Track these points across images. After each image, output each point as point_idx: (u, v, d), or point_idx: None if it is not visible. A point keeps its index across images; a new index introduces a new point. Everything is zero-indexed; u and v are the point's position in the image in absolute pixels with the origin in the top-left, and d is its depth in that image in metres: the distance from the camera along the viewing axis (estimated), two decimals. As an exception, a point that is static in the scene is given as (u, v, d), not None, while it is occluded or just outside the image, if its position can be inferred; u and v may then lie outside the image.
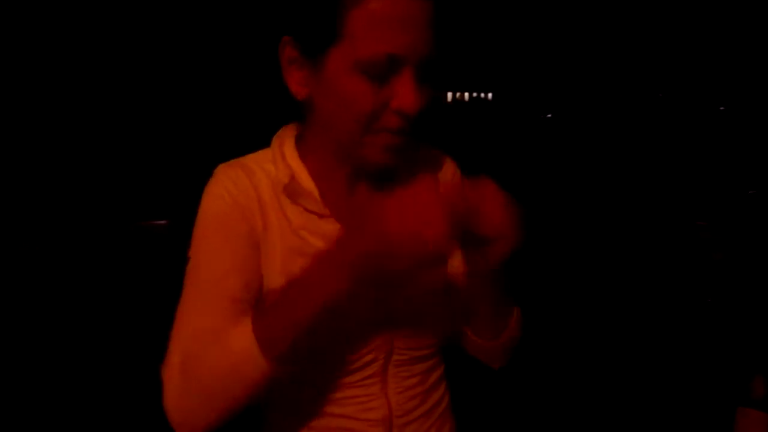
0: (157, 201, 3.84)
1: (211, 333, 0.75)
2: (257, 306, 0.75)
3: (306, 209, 0.83)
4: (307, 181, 0.85)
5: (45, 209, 3.89)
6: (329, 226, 0.84)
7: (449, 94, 10.15)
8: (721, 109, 9.08)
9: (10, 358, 2.81)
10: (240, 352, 0.70)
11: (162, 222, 3.73)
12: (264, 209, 0.82)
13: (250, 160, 0.87)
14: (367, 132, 0.77)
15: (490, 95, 10.51)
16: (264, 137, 0.94)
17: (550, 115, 10.47)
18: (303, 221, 0.83)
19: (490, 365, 1.00)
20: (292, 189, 0.83)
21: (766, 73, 7.63)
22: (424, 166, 0.94)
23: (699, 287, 3.60)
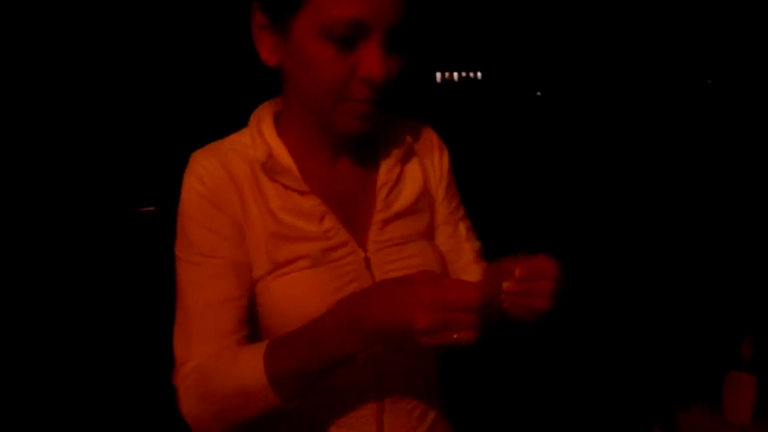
0: (145, 187, 3.84)
1: (217, 340, 0.77)
2: (270, 342, 0.74)
3: (286, 187, 0.82)
4: (285, 157, 0.84)
5: (33, 196, 3.87)
6: (310, 202, 0.83)
7: (438, 75, 10.09)
8: (709, 82, 9.09)
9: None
10: (252, 385, 0.72)
11: (150, 208, 3.72)
12: (242, 193, 0.81)
13: (225, 143, 0.86)
14: (336, 100, 0.76)
15: (479, 74, 10.46)
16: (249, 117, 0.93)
17: (539, 93, 10.45)
18: (282, 199, 0.82)
19: None
20: (270, 166, 0.82)
21: (754, 52, 7.63)
22: (405, 139, 0.93)
23: (690, 261, 3.63)
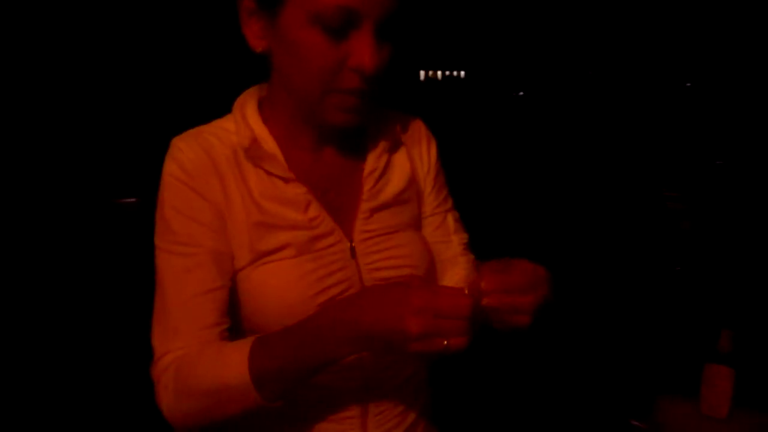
0: (126, 179, 3.79)
1: (198, 333, 0.75)
2: (255, 340, 0.72)
3: (269, 173, 0.81)
4: (270, 143, 0.82)
5: (10, 188, 3.80)
6: (295, 190, 0.81)
7: (422, 73, 10.09)
8: (688, 85, 9.21)
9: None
10: (235, 383, 0.70)
11: (131, 200, 3.68)
12: (223, 180, 0.79)
13: (208, 128, 0.84)
14: (324, 91, 0.75)
15: (462, 73, 10.47)
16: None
17: (522, 93, 10.50)
18: (266, 187, 0.80)
19: None
20: (253, 152, 0.80)
21: (732, 48, 7.74)
22: (393, 129, 0.93)
23: (668, 256, 3.68)
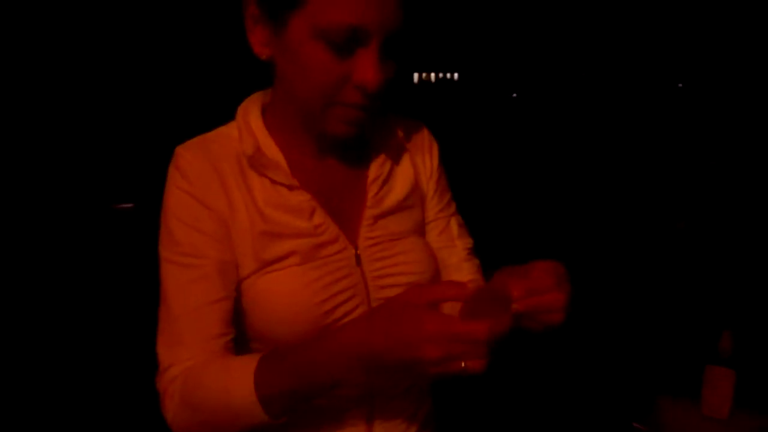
0: (123, 184, 3.79)
1: (203, 344, 0.75)
2: (261, 358, 0.71)
3: (273, 181, 0.80)
4: (273, 151, 0.82)
5: (8, 194, 3.78)
6: (299, 197, 0.81)
7: (415, 75, 10.12)
8: (680, 86, 9.28)
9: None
10: (241, 401, 0.69)
11: (128, 205, 3.67)
12: (227, 189, 0.79)
13: (211, 136, 0.83)
14: (327, 104, 0.74)
15: (456, 75, 10.51)
16: (233, 111, 0.91)
17: (515, 95, 10.54)
18: (270, 195, 0.80)
19: None
20: (257, 160, 0.79)
21: (726, 50, 7.81)
22: (397, 135, 0.92)
23: (664, 255, 3.69)
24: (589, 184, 5.59)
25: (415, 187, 0.93)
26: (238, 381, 0.70)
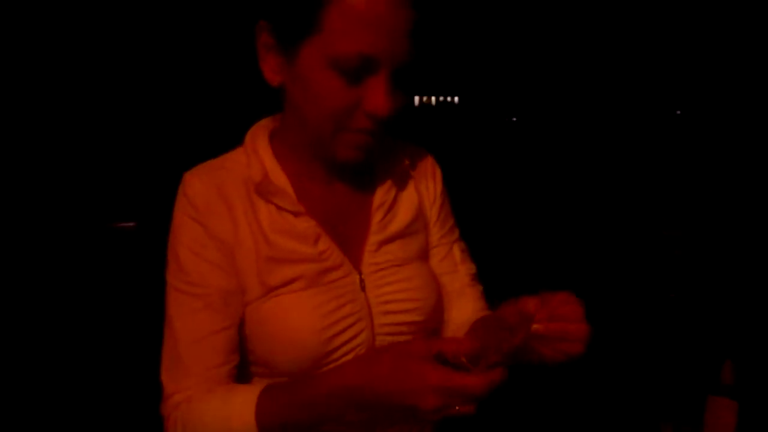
0: (125, 203, 3.78)
1: (207, 372, 0.76)
2: (262, 391, 0.73)
3: (279, 207, 0.81)
4: (280, 178, 0.83)
5: (7, 211, 3.78)
6: (305, 224, 0.82)
7: (416, 98, 10.20)
8: (678, 113, 9.36)
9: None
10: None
11: (130, 224, 3.67)
12: (234, 215, 0.80)
13: (218, 163, 0.85)
14: (337, 129, 0.76)
15: (456, 99, 10.60)
16: (238, 134, 0.92)
17: (515, 119, 10.63)
18: (277, 221, 0.81)
19: None
20: (264, 187, 0.80)
21: (726, 77, 7.88)
22: (402, 162, 0.93)
23: (662, 283, 3.69)
24: (589, 210, 5.60)
25: (419, 213, 0.94)
26: (239, 411, 0.71)
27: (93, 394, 2.58)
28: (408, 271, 0.89)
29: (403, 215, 0.92)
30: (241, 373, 0.83)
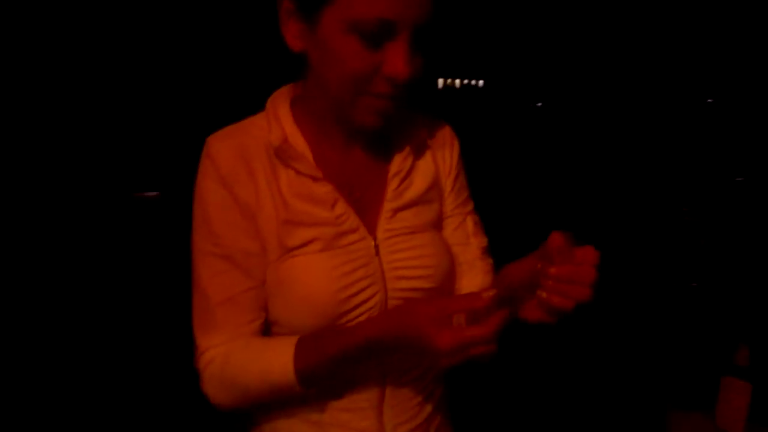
0: (148, 173, 3.84)
1: (238, 328, 0.83)
2: (299, 341, 0.81)
3: (298, 172, 0.83)
4: (300, 143, 0.85)
5: (33, 182, 3.86)
6: (323, 189, 0.84)
7: (440, 81, 10.10)
8: (709, 101, 9.14)
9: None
10: (280, 380, 0.79)
11: (153, 194, 3.72)
12: (255, 178, 0.82)
13: (241, 126, 0.87)
14: (357, 93, 0.77)
15: (481, 82, 10.46)
16: (260, 102, 0.93)
17: (540, 104, 10.47)
18: (295, 185, 0.83)
19: None
20: (284, 151, 0.83)
21: (754, 66, 7.68)
22: (420, 132, 0.95)
23: (684, 272, 3.65)
24: (611, 195, 5.54)
25: (435, 183, 0.95)
26: (277, 364, 0.79)
27: (118, 362, 2.65)
28: (421, 238, 0.91)
29: (418, 184, 0.93)
30: (263, 334, 0.86)
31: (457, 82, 10.26)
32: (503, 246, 1.16)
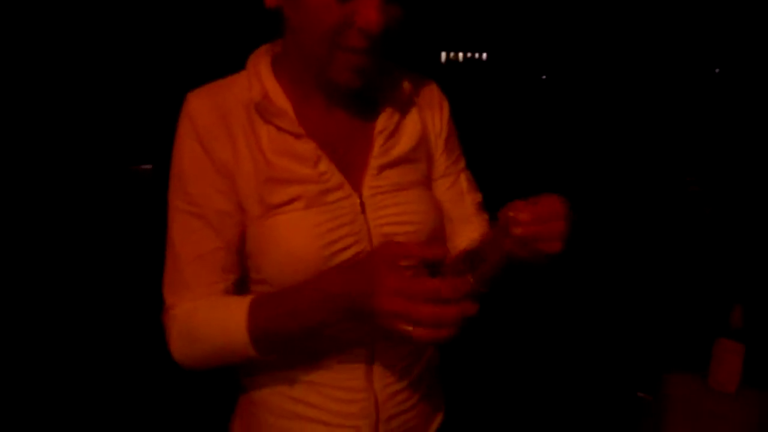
0: (142, 146, 3.82)
1: (206, 287, 0.81)
2: (253, 299, 0.77)
3: (280, 128, 0.82)
4: (281, 99, 0.83)
5: (27, 156, 3.86)
6: (305, 146, 0.83)
7: (443, 55, 9.99)
8: (716, 71, 9.02)
9: None
10: (234, 340, 0.77)
11: (147, 166, 3.72)
12: (233, 136, 0.81)
13: (220, 84, 0.85)
14: (332, 49, 0.76)
15: (484, 55, 10.35)
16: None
17: (545, 77, 10.36)
18: (277, 143, 0.82)
19: None
20: (264, 107, 0.81)
21: (762, 35, 7.56)
22: (406, 90, 0.93)
23: (677, 227, 3.64)
24: (616, 166, 5.51)
25: (422, 142, 0.94)
26: (231, 322, 0.77)
27: (114, 333, 2.68)
28: (407, 195, 0.90)
29: (405, 141, 0.92)
30: (245, 293, 0.86)
31: (461, 55, 10.17)
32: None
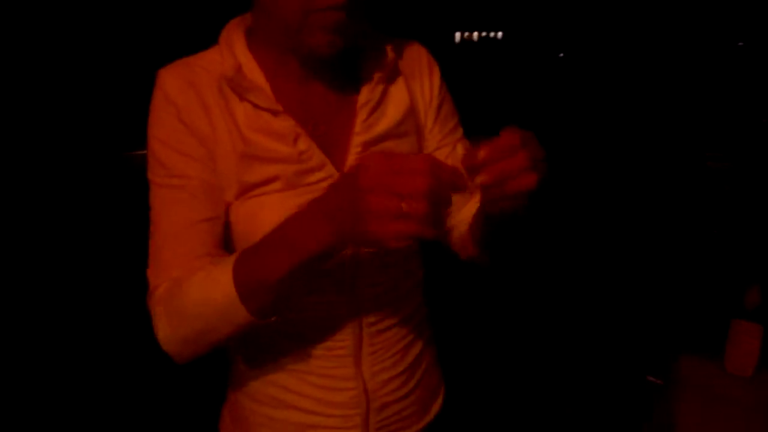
0: (138, 132, 3.81)
1: (191, 262, 0.74)
2: (238, 256, 0.70)
3: (256, 105, 0.78)
4: (256, 74, 0.79)
5: (21, 142, 3.88)
6: (283, 123, 0.78)
7: (457, 35, 9.84)
8: (740, 44, 8.76)
9: None
10: (221, 299, 0.69)
11: (140, 152, 3.71)
12: (209, 111, 0.77)
13: (193, 60, 0.81)
14: (305, 10, 0.71)
15: (500, 34, 10.17)
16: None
17: (562, 55, 10.16)
18: (253, 120, 0.78)
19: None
20: (237, 83, 0.77)
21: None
22: (390, 57, 0.88)
23: (707, 218, 3.56)
24: (634, 143, 5.40)
25: (410, 114, 0.89)
26: (217, 282, 0.69)
27: (107, 324, 2.68)
28: (396, 173, 0.86)
29: (391, 114, 0.87)
30: None
31: (475, 35, 9.98)
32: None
